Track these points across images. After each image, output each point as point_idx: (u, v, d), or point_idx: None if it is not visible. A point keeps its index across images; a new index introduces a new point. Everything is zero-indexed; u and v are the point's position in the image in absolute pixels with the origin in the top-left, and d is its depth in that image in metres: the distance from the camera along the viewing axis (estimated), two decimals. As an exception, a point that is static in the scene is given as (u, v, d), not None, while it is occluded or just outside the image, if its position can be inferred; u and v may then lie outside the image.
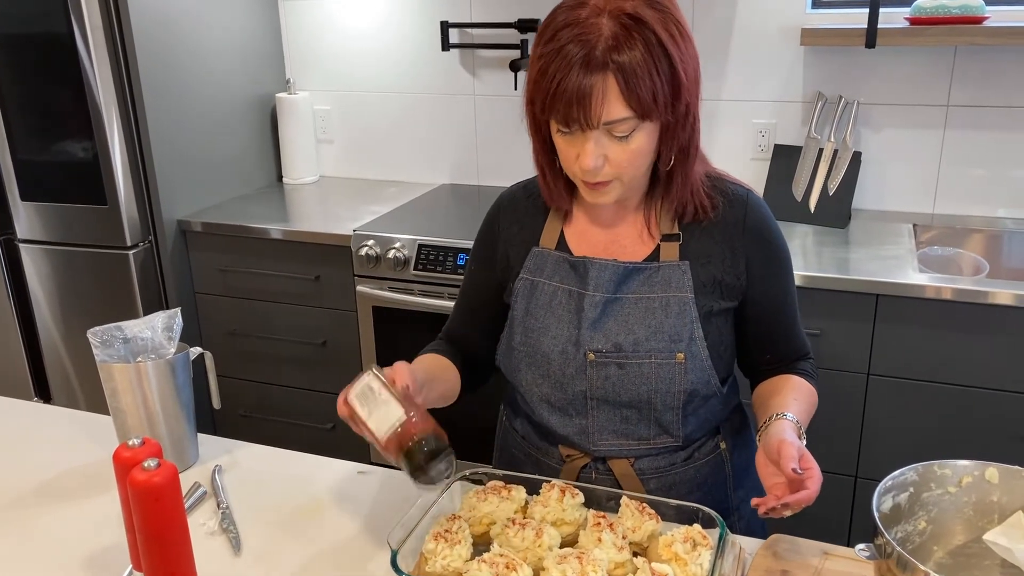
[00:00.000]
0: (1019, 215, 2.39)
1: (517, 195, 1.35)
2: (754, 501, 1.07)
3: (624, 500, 1.12)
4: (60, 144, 2.52)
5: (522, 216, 1.32)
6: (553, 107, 1.09)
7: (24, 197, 2.61)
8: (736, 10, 2.48)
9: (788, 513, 1.05)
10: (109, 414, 1.39)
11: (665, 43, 1.07)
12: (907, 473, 1.01)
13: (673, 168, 1.19)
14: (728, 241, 1.23)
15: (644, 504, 1.11)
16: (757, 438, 1.17)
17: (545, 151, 1.21)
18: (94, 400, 2.74)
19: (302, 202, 2.86)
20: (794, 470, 1.02)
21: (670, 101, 1.10)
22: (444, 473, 1.07)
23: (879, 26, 2.18)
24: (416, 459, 1.04)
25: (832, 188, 2.39)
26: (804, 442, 1.14)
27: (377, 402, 1.09)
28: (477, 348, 1.38)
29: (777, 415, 1.15)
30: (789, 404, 1.18)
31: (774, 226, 1.26)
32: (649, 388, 1.21)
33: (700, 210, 1.22)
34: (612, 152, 1.11)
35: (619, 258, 1.24)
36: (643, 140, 1.12)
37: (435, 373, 1.30)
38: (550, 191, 1.26)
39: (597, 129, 1.09)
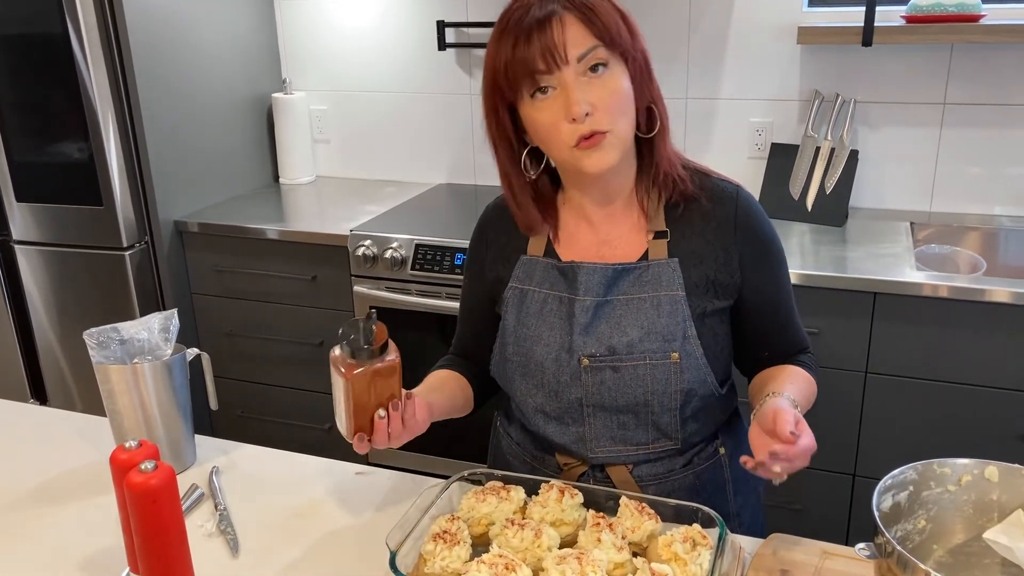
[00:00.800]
0: (1016, 213, 2.39)
1: (502, 205, 1.33)
2: (743, 458, 1.05)
3: (623, 500, 1.12)
4: (55, 145, 2.52)
5: (509, 226, 1.31)
6: (518, 69, 1.10)
7: (19, 198, 2.60)
8: (733, 9, 2.48)
9: (778, 470, 1.02)
10: (106, 415, 1.38)
11: None
12: (907, 472, 1.01)
13: (656, 134, 1.19)
14: (720, 239, 1.21)
15: (643, 504, 1.11)
16: (752, 416, 1.14)
17: (510, 158, 1.21)
18: (90, 401, 2.73)
19: (298, 202, 2.86)
20: (792, 433, 1.00)
21: (628, 37, 1.13)
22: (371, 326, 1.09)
23: (876, 24, 2.18)
24: (361, 348, 1.08)
25: (829, 187, 2.39)
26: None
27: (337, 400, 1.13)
28: (485, 360, 1.36)
29: (772, 394, 1.13)
30: (785, 387, 1.16)
31: (766, 221, 1.25)
32: (645, 390, 1.20)
33: (679, 181, 1.21)
34: (594, 95, 1.11)
35: (609, 260, 1.23)
36: (618, 79, 1.12)
37: (432, 385, 1.31)
38: (518, 204, 1.24)
39: (569, 68, 1.10)
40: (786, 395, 1.12)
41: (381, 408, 1.11)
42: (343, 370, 1.08)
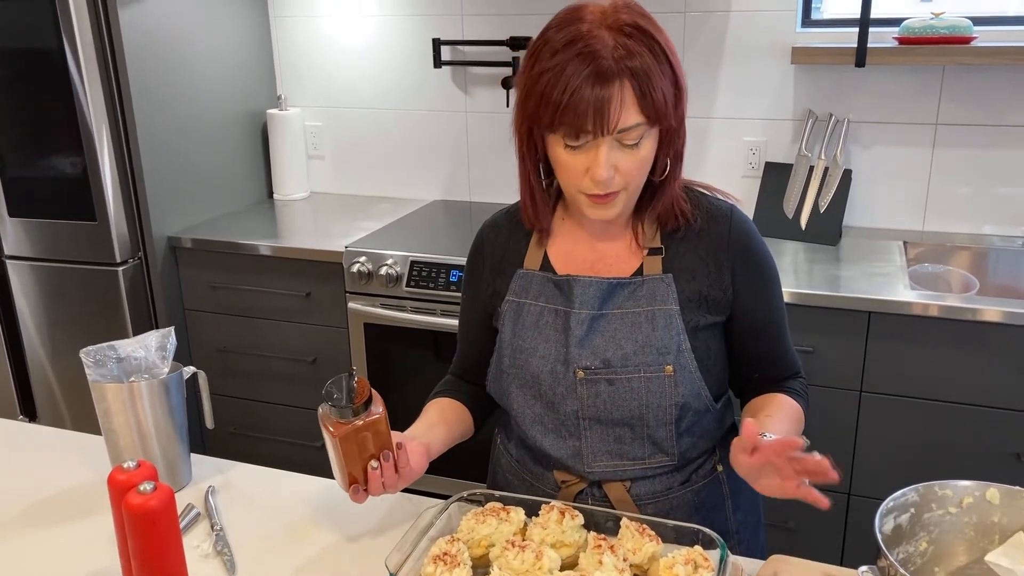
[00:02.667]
0: (1007, 232, 2.41)
1: (499, 222, 1.35)
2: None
3: (624, 522, 1.11)
4: (49, 160, 2.51)
5: (505, 241, 1.32)
6: (564, 119, 1.09)
7: (12, 213, 2.58)
8: (727, 28, 2.50)
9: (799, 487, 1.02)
10: (97, 433, 1.37)
11: (666, 50, 1.11)
12: (908, 494, 1.01)
13: (665, 177, 1.20)
14: (713, 255, 1.23)
15: (644, 526, 1.10)
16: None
17: (536, 171, 1.22)
18: (80, 418, 2.71)
19: (293, 218, 2.85)
20: (761, 435, 1.02)
21: (675, 105, 1.13)
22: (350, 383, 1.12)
23: (869, 45, 2.20)
24: (345, 406, 1.10)
25: (823, 205, 2.40)
26: None
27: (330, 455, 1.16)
28: (484, 378, 1.36)
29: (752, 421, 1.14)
30: (772, 424, 1.17)
31: (759, 240, 1.27)
32: (640, 403, 1.20)
33: (681, 215, 1.23)
34: (621, 161, 1.12)
35: (604, 275, 1.24)
36: (650, 147, 1.14)
37: (430, 421, 1.31)
38: (536, 212, 1.26)
39: (610, 136, 1.10)
40: (765, 437, 1.13)
41: (373, 459, 1.14)
42: (330, 428, 1.12)
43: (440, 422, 1.31)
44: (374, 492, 1.15)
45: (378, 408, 1.13)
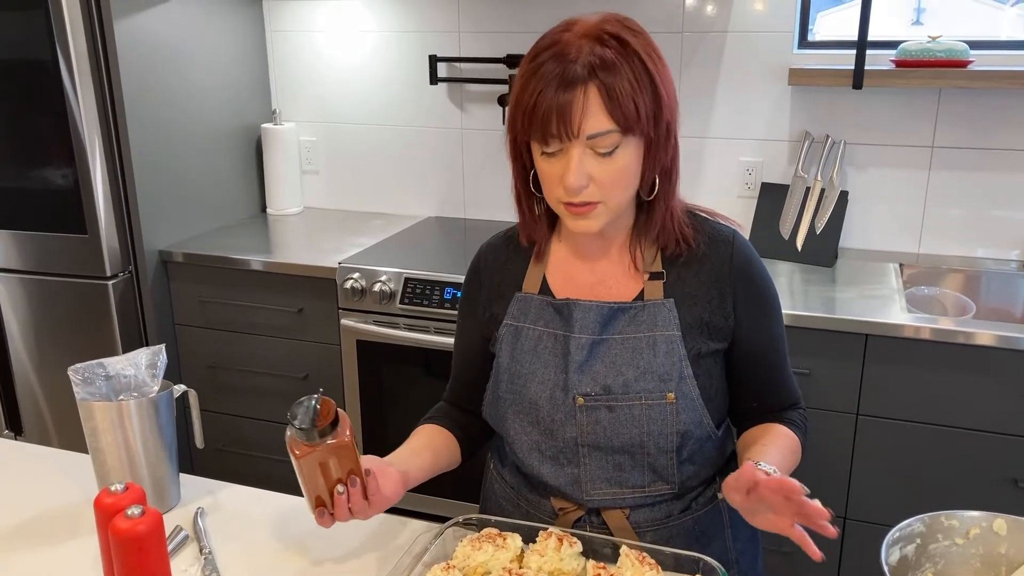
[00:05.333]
0: (1001, 256, 2.41)
1: (497, 244, 1.33)
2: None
3: (624, 549, 1.09)
4: (40, 171, 2.48)
5: (503, 264, 1.30)
6: (533, 122, 1.09)
7: (1, 225, 2.55)
8: (724, 49, 2.50)
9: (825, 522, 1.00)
10: (84, 450, 1.34)
11: (646, 62, 1.10)
12: (914, 524, 0.99)
13: (656, 196, 1.18)
14: (715, 282, 1.21)
15: (644, 554, 1.08)
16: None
17: (524, 179, 1.21)
18: (67, 434, 2.67)
19: (286, 233, 2.83)
20: (758, 465, 1.02)
21: (652, 116, 1.10)
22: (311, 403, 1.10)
23: (866, 67, 2.20)
24: (307, 428, 1.07)
25: (819, 227, 2.39)
26: None
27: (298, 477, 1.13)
28: (480, 405, 1.34)
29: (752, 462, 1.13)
30: (767, 452, 1.15)
31: (761, 267, 1.25)
32: (641, 431, 1.18)
33: (683, 240, 1.21)
34: (596, 170, 1.10)
35: (604, 299, 1.22)
36: (627, 158, 1.11)
37: (414, 448, 1.28)
38: (527, 223, 1.25)
39: (579, 141, 1.08)
40: (764, 466, 1.11)
41: (340, 484, 1.11)
42: (295, 451, 1.09)
43: (425, 449, 1.28)
44: (340, 518, 1.11)
45: (345, 432, 1.09)
